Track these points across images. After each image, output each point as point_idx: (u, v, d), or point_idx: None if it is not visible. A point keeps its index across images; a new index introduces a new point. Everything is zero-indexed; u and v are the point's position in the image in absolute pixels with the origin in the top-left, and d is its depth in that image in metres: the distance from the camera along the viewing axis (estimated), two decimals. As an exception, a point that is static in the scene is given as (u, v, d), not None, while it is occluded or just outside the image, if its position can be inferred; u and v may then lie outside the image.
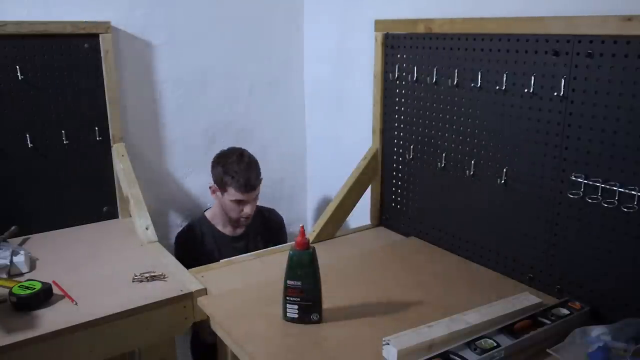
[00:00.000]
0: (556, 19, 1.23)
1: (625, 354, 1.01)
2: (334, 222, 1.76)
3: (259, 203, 1.95)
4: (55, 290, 1.31)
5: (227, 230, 1.93)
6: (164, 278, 1.40)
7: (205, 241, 1.90)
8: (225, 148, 1.94)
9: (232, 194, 1.82)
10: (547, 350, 1.09)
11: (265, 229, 2.00)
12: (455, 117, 1.51)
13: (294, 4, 2.19)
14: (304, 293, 1.18)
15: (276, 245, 1.84)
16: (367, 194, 1.85)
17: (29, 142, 1.68)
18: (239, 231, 1.93)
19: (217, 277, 1.47)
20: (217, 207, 1.94)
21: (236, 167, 1.82)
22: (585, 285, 1.26)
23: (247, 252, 1.70)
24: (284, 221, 2.11)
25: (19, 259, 1.43)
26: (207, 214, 1.96)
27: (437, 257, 1.58)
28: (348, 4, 1.98)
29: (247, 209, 1.86)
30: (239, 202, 1.84)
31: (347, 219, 1.82)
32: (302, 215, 2.45)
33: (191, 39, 1.98)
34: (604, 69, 1.16)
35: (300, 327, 1.19)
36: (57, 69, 1.69)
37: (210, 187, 1.92)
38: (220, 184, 1.85)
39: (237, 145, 1.96)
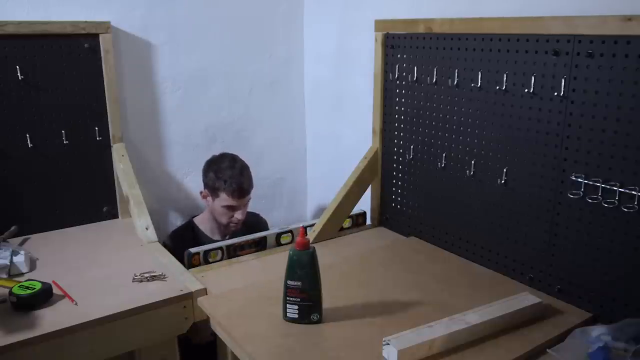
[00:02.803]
0: (556, 19, 1.23)
1: (626, 354, 1.01)
2: (334, 222, 1.76)
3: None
4: (55, 290, 1.31)
5: (215, 237, 1.92)
6: (164, 278, 1.40)
7: (199, 243, 1.89)
8: (217, 153, 1.94)
9: (224, 199, 1.82)
10: (547, 350, 1.09)
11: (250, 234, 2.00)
12: (455, 117, 1.51)
13: (294, 4, 2.19)
14: (304, 293, 1.18)
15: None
16: (367, 194, 1.85)
17: (29, 142, 1.68)
18: (227, 238, 1.92)
19: (217, 277, 1.47)
20: (206, 214, 1.94)
21: (229, 172, 1.83)
22: (586, 286, 1.26)
23: None
24: (268, 224, 2.11)
25: (19, 259, 1.43)
26: (196, 220, 1.96)
27: (437, 257, 1.58)
28: (348, 4, 1.98)
29: (239, 215, 1.86)
30: (231, 208, 1.84)
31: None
32: (302, 215, 2.45)
33: (191, 39, 1.98)
34: (604, 69, 1.16)
35: (300, 327, 1.19)
36: (57, 69, 1.69)
37: (201, 193, 1.92)
38: (212, 190, 1.85)
39: (237, 145, 1.96)
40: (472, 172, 1.49)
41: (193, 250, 1.57)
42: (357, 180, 1.77)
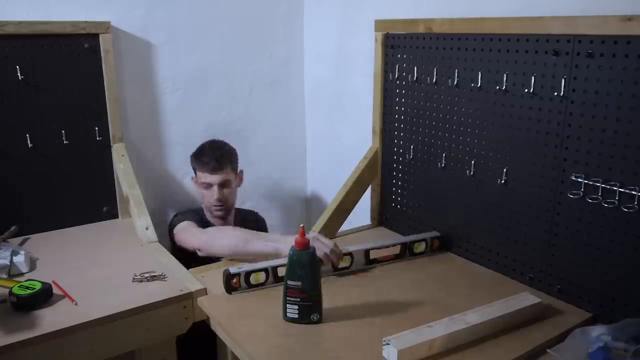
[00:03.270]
0: (556, 19, 1.23)
1: (626, 354, 1.01)
2: (334, 222, 1.76)
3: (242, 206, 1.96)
4: (55, 290, 1.31)
5: (215, 222, 1.93)
6: (164, 278, 1.40)
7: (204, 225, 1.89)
8: None
9: (200, 176, 1.86)
10: (547, 350, 1.09)
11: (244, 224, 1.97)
12: (455, 117, 1.51)
13: (294, 4, 2.19)
14: (304, 293, 1.18)
15: None
16: (367, 194, 1.85)
17: (29, 142, 1.68)
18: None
19: (218, 277, 1.46)
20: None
21: (204, 150, 1.88)
22: (585, 286, 1.26)
23: None
24: (266, 223, 2.11)
25: (19, 259, 1.43)
26: (200, 193, 1.97)
27: (437, 257, 1.58)
28: (348, 4, 1.98)
29: (215, 194, 1.83)
30: (208, 186, 1.85)
31: (347, 219, 1.82)
32: (302, 216, 2.45)
33: (191, 39, 1.98)
34: (604, 69, 1.16)
35: (300, 327, 1.19)
36: (57, 69, 1.69)
37: (192, 179, 1.96)
38: (195, 172, 1.90)
39: (237, 145, 1.96)
40: (472, 172, 1.49)
41: (232, 270, 1.34)
42: (357, 180, 1.77)
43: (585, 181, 1.22)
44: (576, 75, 1.21)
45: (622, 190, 1.16)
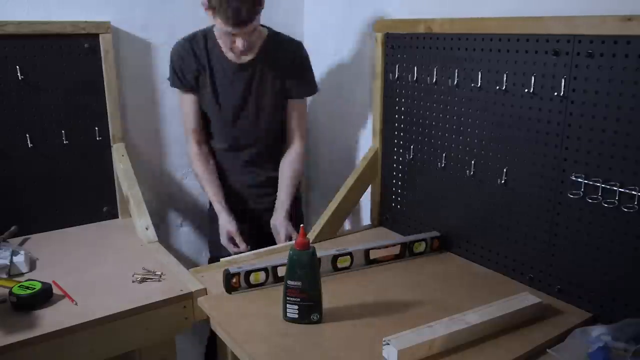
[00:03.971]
0: (556, 19, 1.23)
1: (626, 354, 1.01)
2: (334, 222, 1.76)
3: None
4: (55, 290, 1.31)
5: (230, 56, 1.68)
6: (163, 278, 1.40)
7: (208, 57, 1.68)
8: None
9: (219, 23, 1.52)
10: (547, 350, 1.09)
11: (276, 59, 1.71)
12: (455, 117, 1.51)
13: (294, 3, 2.19)
14: (304, 293, 1.18)
15: (294, 80, 1.72)
16: (367, 194, 1.85)
17: (29, 142, 1.68)
18: (245, 59, 1.68)
19: (218, 277, 1.46)
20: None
21: None
22: (586, 286, 1.26)
23: (251, 84, 1.67)
24: (308, 59, 1.80)
25: (19, 259, 1.43)
26: (215, 30, 1.70)
27: (436, 257, 1.58)
28: (348, 4, 1.98)
29: (239, 43, 1.57)
30: (230, 34, 1.56)
31: (347, 219, 1.82)
32: (302, 215, 2.44)
33: (191, 39, 1.98)
34: (604, 69, 1.16)
35: (300, 327, 1.19)
36: (57, 69, 1.69)
37: (202, 3, 1.56)
38: (211, 9, 1.53)
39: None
40: (472, 172, 1.49)
41: (232, 270, 1.34)
42: (357, 180, 1.77)
43: (585, 181, 1.22)
44: (576, 75, 1.21)
45: (622, 190, 1.16)
